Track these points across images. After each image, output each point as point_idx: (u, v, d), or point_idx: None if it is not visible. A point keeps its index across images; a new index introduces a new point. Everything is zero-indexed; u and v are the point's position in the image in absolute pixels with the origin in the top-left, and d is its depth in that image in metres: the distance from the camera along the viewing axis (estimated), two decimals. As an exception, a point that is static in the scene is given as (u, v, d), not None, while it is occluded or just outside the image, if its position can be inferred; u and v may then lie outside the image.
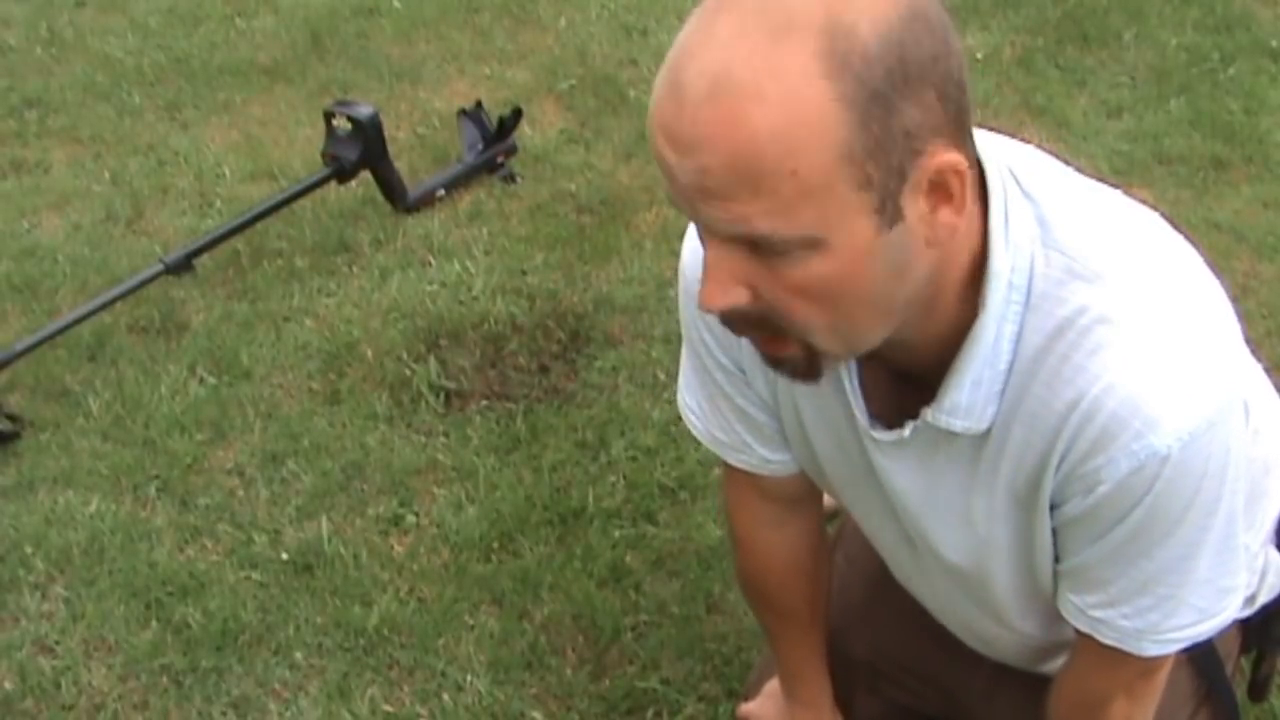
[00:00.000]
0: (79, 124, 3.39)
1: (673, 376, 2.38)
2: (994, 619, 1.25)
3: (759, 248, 0.86)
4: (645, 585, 1.98)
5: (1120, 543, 1.02)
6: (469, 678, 1.86)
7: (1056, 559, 1.11)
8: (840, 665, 1.49)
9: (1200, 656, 1.30)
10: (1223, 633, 1.29)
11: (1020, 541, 1.11)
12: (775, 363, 0.97)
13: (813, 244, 0.84)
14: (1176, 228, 1.04)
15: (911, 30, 0.82)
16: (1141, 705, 1.17)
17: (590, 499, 2.13)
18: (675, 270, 1.26)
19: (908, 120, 0.83)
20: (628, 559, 2.03)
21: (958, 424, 1.03)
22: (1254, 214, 2.77)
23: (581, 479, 2.19)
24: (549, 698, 1.83)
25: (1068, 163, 1.07)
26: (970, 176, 0.89)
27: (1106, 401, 0.95)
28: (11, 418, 2.34)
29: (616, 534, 2.07)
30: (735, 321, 0.92)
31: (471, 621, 1.95)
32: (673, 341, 2.47)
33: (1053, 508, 1.06)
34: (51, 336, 2.48)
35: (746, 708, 1.59)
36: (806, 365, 0.95)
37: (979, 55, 3.46)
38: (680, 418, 2.31)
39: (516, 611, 1.96)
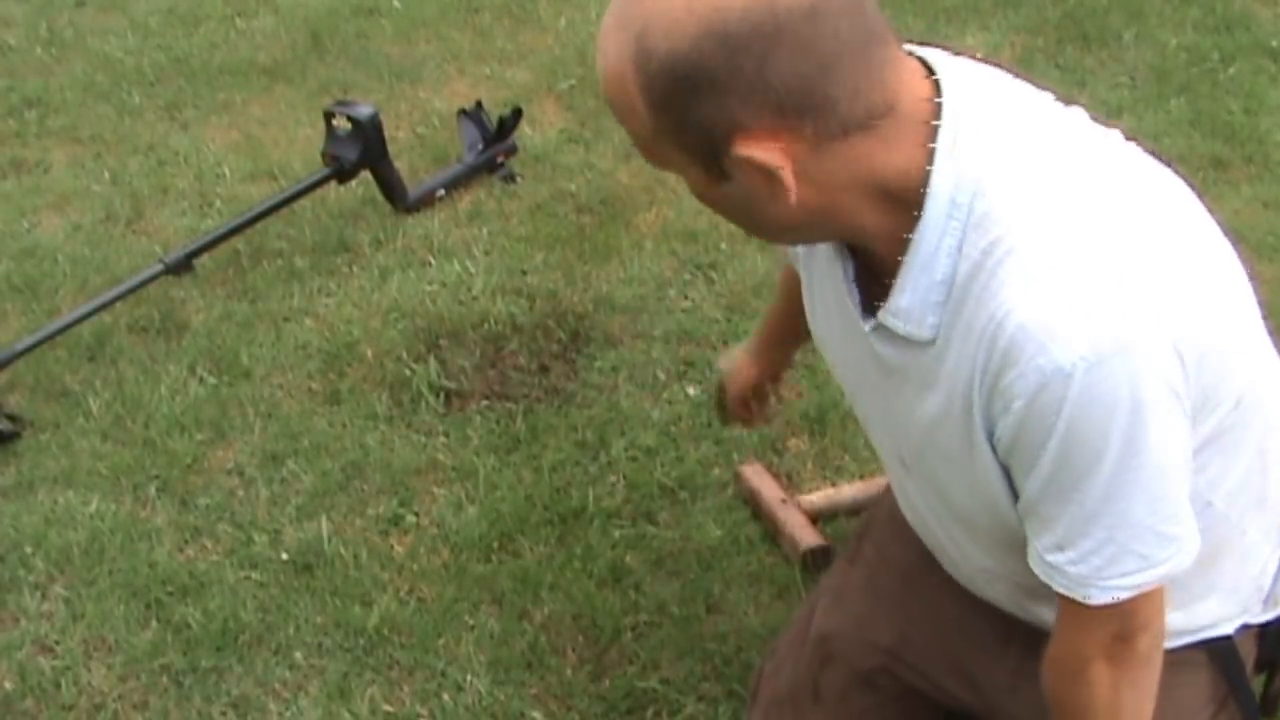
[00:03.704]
0: (79, 124, 3.39)
1: (673, 376, 2.39)
2: (965, 539, 1.30)
3: None
4: (645, 585, 1.98)
5: (1051, 472, 1.07)
6: (469, 678, 1.86)
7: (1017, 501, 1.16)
8: (858, 649, 1.52)
9: (1221, 656, 1.30)
10: (1242, 637, 1.29)
11: (965, 458, 1.16)
12: None
13: (680, 171, 1.07)
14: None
15: (701, 50, 0.98)
16: (1128, 673, 1.17)
17: (590, 499, 2.13)
18: (675, 270, 1.28)
19: (703, 117, 1.01)
20: (628, 559, 2.03)
21: (900, 327, 1.13)
22: (1254, 214, 2.77)
23: (581, 479, 2.19)
24: (549, 698, 1.83)
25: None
26: (791, 170, 1.03)
27: (1011, 320, 1.03)
28: (11, 418, 2.35)
29: (616, 534, 2.07)
30: None
31: (471, 621, 1.95)
32: (672, 341, 2.47)
33: (991, 436, 1.11)
34: (51, 336, 2.48)
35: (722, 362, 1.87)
36: None
37: (979, 55, 3.45)
38: (680, 417, 2.32)
39: (516, 611, 1.96)
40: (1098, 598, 1.11)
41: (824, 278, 1.26)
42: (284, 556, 2.07)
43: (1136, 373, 1.01)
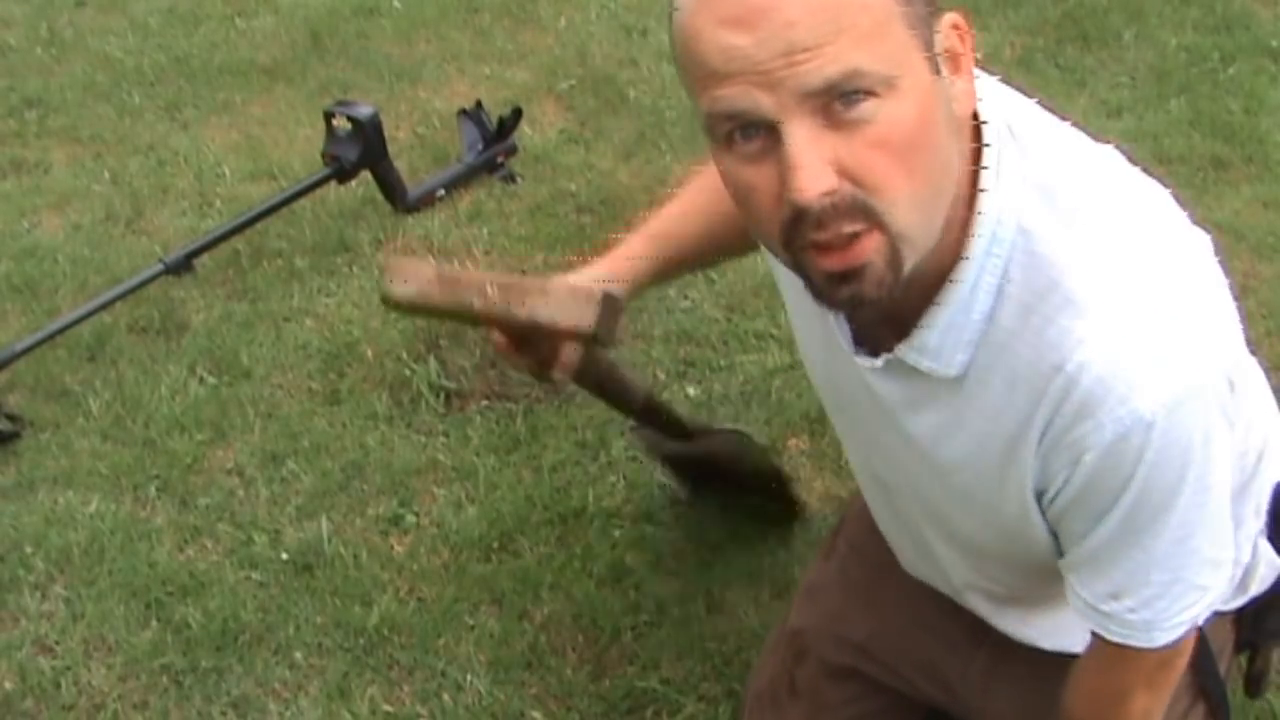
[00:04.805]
0: (79, 124, 3.39)
1: (673, 376, 2.39)
2: (956, 558, 1.28)
3: (838, 114, 0.90)
4: (645, 585, 1.98)
5: (1119, 525, 1.03)
6: (469, 678, 1.86)
7: (1061, 554, 1.12)
8: (829, 644, 1.52)
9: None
10: (1214, 623, 1.29)
11: (991, 503, 1.12)
12: (854, 275, 0.95)
13: (889, 84, 0.90)
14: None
15: None
16: (1160, 695, 1.17)
17: (590, 499, 2.13)
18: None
19: None
20: (628, 559, 2.03)
21: (925, 363, 1.06)
22: (1254, 214, 2.76)
23: (581, 479, 2.19)
24: (549, 698, 1.83)
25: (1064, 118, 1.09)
26: (970, 40, 0.98)
27: (1090, 369, 0.97)
28: (11, 418, 2.34)
29: (616, 534, 2.07)
30: (826, 217, 0.92)
31: (471, 621, 1.95)
32: (672, 341, 2.47)
33: (1042, 494, 1.07)
34: (51, 336, 2.48)
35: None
36: (888, 264, 0.94)
37: (979, 55, 3.45)
38: (680, 418, 2.29)
39: (516, 611, 1.96)
40: (1163, 639, 1.08)
41: (802, 297, 1.11)
42: (284, 556, 2.07)
43: (1207, 410, 0.99)
